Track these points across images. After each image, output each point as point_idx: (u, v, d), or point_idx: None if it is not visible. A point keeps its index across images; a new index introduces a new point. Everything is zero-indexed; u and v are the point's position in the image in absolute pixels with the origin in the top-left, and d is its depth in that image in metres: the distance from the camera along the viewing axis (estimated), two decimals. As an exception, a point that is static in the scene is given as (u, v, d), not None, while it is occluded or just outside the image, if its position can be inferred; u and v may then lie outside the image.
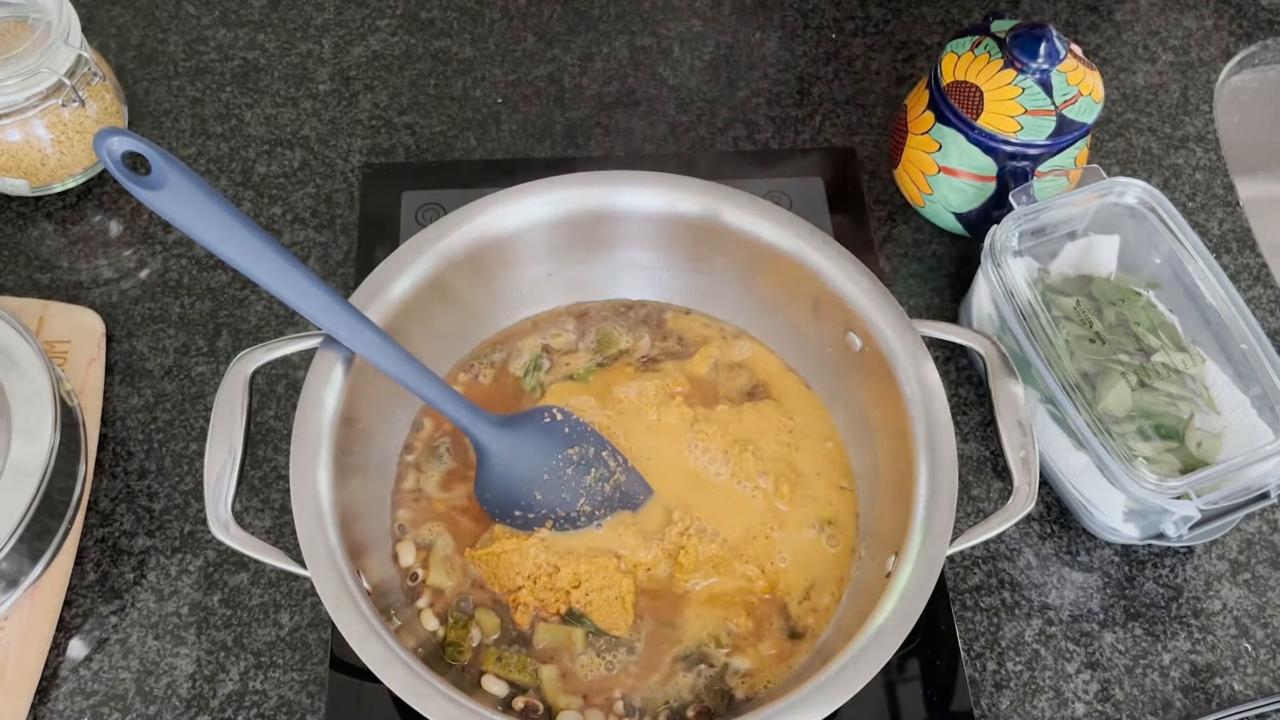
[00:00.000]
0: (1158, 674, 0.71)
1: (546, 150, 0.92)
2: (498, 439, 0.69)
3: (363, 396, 0.67)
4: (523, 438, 0.70)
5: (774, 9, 1.01)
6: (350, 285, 0.83)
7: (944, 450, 0.64)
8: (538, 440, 0.70)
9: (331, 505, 0.62)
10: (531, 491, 0.69)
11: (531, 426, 0.71)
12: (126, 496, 0.74)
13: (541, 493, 0.70)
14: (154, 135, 0.90)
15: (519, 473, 0.70)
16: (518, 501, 0.69)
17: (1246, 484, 0.67)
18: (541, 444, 0.70)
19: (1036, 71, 0.78)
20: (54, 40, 0.78)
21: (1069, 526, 0.76)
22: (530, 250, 0.75)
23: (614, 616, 0.67)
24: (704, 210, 0.73)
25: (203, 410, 0.78)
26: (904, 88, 0.97)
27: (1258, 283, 0.87)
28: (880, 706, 0.68)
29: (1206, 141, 0.95)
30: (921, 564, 0.60)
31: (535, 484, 0.70)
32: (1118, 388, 0.70)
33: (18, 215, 0.85)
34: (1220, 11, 1.03)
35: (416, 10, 0.99)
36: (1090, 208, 0.77)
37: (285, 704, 0.68)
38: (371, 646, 0.57)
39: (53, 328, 0.79)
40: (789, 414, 0.75)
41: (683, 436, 0.73)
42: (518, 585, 0.68)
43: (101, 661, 0.69)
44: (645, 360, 0.77)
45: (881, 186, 0.91)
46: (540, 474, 0.70)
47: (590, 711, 0.65)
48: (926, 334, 0.68)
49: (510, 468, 0.69)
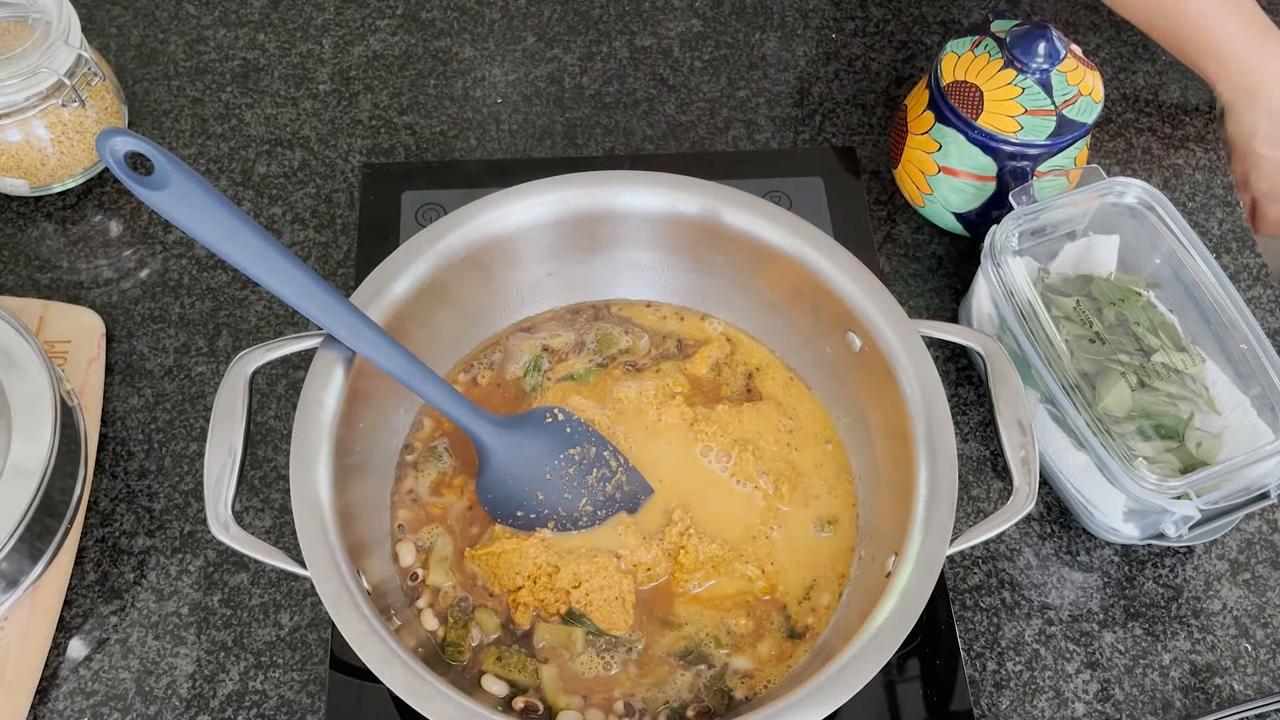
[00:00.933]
0: (1157, 674, 0.71)
1: (546, 150, 0.92)
2: (500, 440, 0.69)
3: (363, 396, 0.67)
4: (524, 438, 0.70)
5: (774, 9, 1.01)
6: (350, 285, 0.83)
7: (944, 450, 0.64)
8: (539, 440, 0.70)
9: (331, 505, 0.62)
10: (533, 492, 0.69)
11: (533, 427, 0.71)
12: (126, 496, 0.74)
13: (544, 493, 0.70)
14: (154, 135, 0.90)
15: (521, 473, 0.69)
16: (520, 502, 0.69)
17: (1246, 484, 0.68)
18: (543, 444, 0.70)
19: (1036, 71, 0.78)
20: (54, 40, 0.78)
21: (1069, 526, 0.76)
22: (530, 250, 0.75)
23: (614, 616, 0.67)
24: (704, 210, 0.73)
25: (203, 410, 0.78)
26: (904, 88, 0.97)
27: (1258, 283, 0.87)
28: (880, 706, 0.68)
29: (1206, 141, 0.95)
30: (921, 564, 0.60)
31: (537, 484, 0.70)
32: (1118, 388, 0.70)
33: (18, 215, 0.85)
34: (1220, 11, 1.03)
35: (416, 10, 0.99)
36: (1090, 208, 0.77)
37: (285, 704, 0.68)
38: (371, 646, 0.57)
39: (53, 328, 0.79)
40: (789, 414, 0.75)
41: (683, 437, 0.73)
42: (518, 585, 0.68)
43: (101, 661, 0.69)
44: (645, 361, 0.77)
45: (881, 186, 0.91)
46: (542, 474, 0.70)
47: (590, 711, 0.65)
48: (926, 334, 0.68)
49: (512, 468, 0.69)
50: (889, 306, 0.69)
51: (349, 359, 0.65)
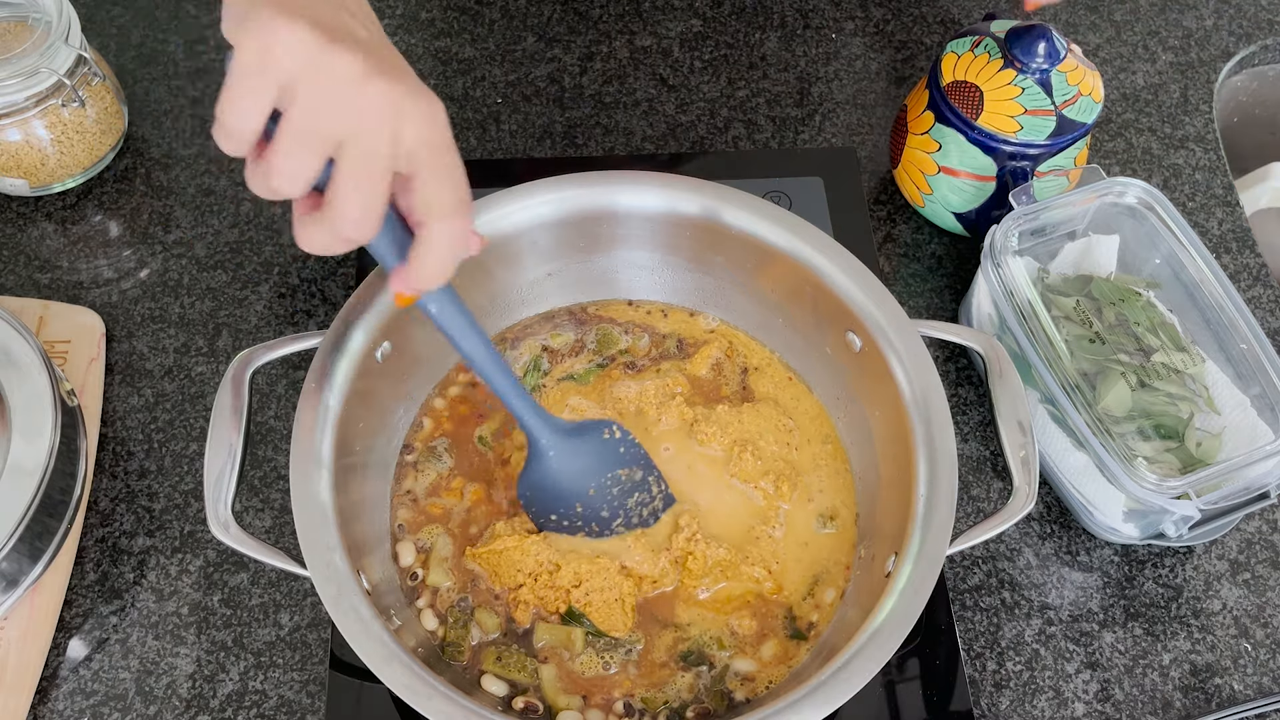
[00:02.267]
0: (1157, 674, 0.71)
1: (546, 150, 0.92)
2: (556, 444, 0.68)
3: (362, 396, 0.67)
4: (580, 449, 0.69)
5: (774, 9, 1.01)
6: (350, 285, 0.83)
7: (944, 450, 0.64)
8: (593, 455, 0.69)
9: (331, 505, 0.62)
10: (574, 502, 0.69)
11: (591, 441, 0.69)
12: (126, 496, 0.74)
13: (583, 505, 0.69)
14: (154, 135, 0.90)
15: (567, 483, 0.69)
16: (558, 508, 0.69)
17: (1246, 484, 0.68)
18: (596, 459, 0.69)
19: (1036, 71, 0.78)
20: (54, 40, 0.78)
21: (1069, 526, 0.76)
22: (530, 250, 0.75)
23: (613, 618, 0.67)
24: (704, 210, 0.73)
25: (203, 410, 0.78)
26: (904, 88, 0.97)
27: (1258, 283, 0.87)
28: (880, 706, 0.68)
29: (1206, 141, 0.95)
30: (921, 564, 0.60)
31: (580, 496, 0.69)
32: (1118, 388, 0.70)
33: (18, 215, 0.86)
34: (1220, 11, 1.03)
35: (416, 10, 0.99)
36: (1090, 208, 0.77)
37: (285, 704, 0.68)
38: (371, 646, 0.57)
39: (53, 328, 0.79)
40: (789, 414, 0.75)
41: (683, 438, 0.73)
42: (519, 583, 0.68)
43: (101, 661, 0.69)
44: (645, 361, 0.77)
45: (881, 186, 0.91)
46: (587, 488, 0.69)
47: (590, 711, 0.65)
48: (926, 334, 0.68)
49: (559, 475, 0.68)
50: (889, 306, 0.69)
51: (349, 359, 0.65)
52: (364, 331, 0.67)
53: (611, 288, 0.79)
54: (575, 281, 0.78)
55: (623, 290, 0.79)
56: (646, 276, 0.78)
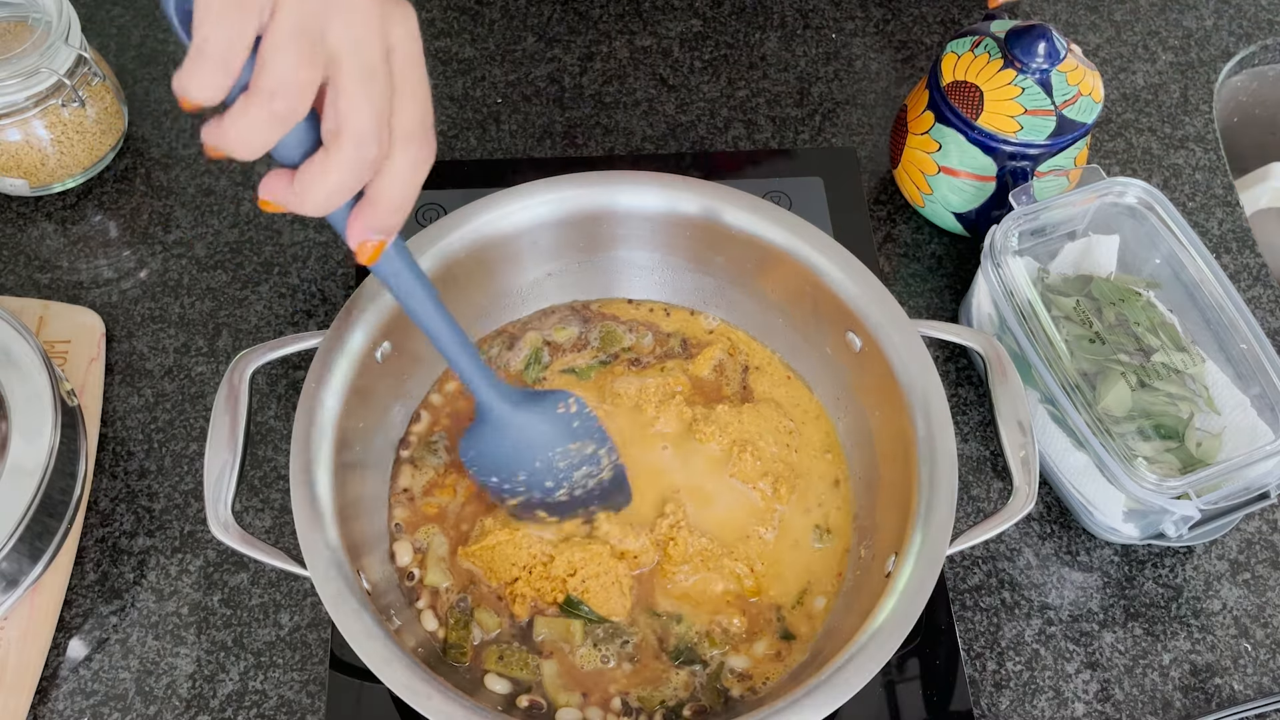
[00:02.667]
0: (1157, 674, 0.71)
1: (546, 150, 0.92)
2: (508, 415, 0.66)
3: (362, 396, 0.67)
4: (530, 421, 0.67)
5: (774, 9, 1.01)
6: (350, 285, 0.83)
7: (944, 450, 0.64)
8: (544, 429, 0.67)
9: (331, 505, 0.62)
10: (518, 471, 0.68)
11: (543, 413, 0.67)
12: (126, 496, 0.74)
13: (527, 474, 0.68)
14: (154, 135, 0.90)
15: (511, 453, 0.67)
16: (499, 472, 0.68)
17: (1246, 484, 0.68)
18: (546, 433, 0.67)
19: (1036, 71, 0.78)
20: (54, 40, 0.78)
21: (1069, 526, 0.76)
22: (531, 250, 0.75)
23: (611, 601, 0.67)
24: (704, 210, 0.73)
25: (203, 410, 0.78)
26: (904, 88, 0.97)
27: (1258, 283, 0.88)
28: (880, 706, 0.68)
29: (1206, 141, 0.95)
30: (921, 564, 0.60)
31: (524, 466, 0.68)
32: (1118, 388, 0.70)
33: (18, 215, 0.86)
34: (1220, 11, 1.03)
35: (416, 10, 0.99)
36: (1090, 208, 0.77)
37: (285, 704, 0.68)
38: (371, 646, 0.57)
39: (53, 328, 0.79)
40: (789, 415, 0.75)
41: (682, 435, 0.73)
42: (514, 577, 0.68)
43: (101, 661, 0.69)
44: (650, 359, 0.77)
45: (881, 186, 0.91)
46: (533, 460, 0.68)
47: (589, 709, 0.65)
48: (926, 334, 0.69)
49: (503, 444, 0.67)
50: (889, 306, 0.69)
51: (349, 358, 0.65)
52: (364, 331, 0.67)
53: (612, 288, 0.79)
54: (576, 281, 0.78)
55: (623, 290, 0.79)
56: (647, 276, 0.78)
